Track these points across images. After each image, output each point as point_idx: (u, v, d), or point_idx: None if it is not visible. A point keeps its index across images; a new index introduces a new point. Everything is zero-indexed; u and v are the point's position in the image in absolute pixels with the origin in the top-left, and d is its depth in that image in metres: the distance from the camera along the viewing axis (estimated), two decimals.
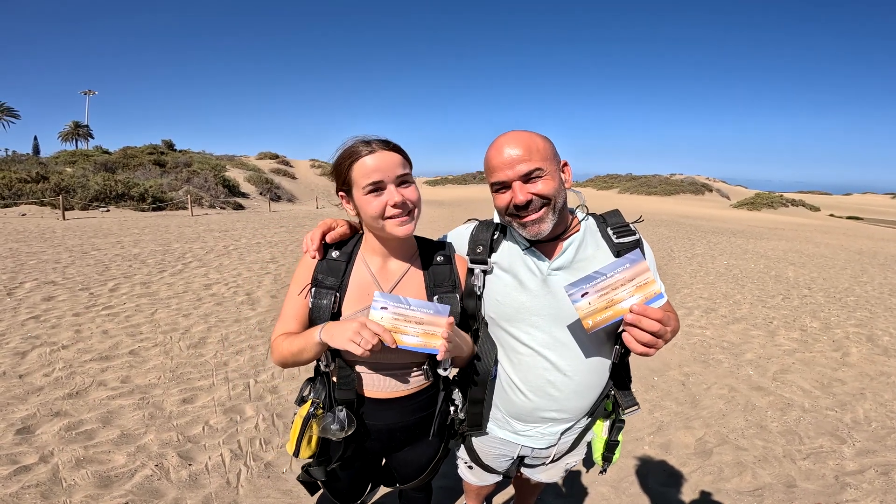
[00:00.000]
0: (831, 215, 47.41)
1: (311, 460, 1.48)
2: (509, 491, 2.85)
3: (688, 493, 2.96)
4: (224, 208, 24.04)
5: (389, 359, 1.41)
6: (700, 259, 11.86)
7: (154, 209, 20.21)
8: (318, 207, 28.81)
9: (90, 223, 14.62)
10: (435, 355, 1.25)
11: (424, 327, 1.23)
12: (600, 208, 1.65)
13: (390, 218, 1.31)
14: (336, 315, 1.38)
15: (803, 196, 64.80)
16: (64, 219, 15.29)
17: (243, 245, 11.19)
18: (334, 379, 1.45)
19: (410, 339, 1.23)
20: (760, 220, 31.42)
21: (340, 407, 1.40)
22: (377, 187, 1.29)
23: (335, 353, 1.41)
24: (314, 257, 1.42)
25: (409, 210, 1.33)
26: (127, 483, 2.73)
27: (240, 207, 25.30)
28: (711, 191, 61.86)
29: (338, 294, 1.38)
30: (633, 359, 4.78)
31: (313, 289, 1.39)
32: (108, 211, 18.61)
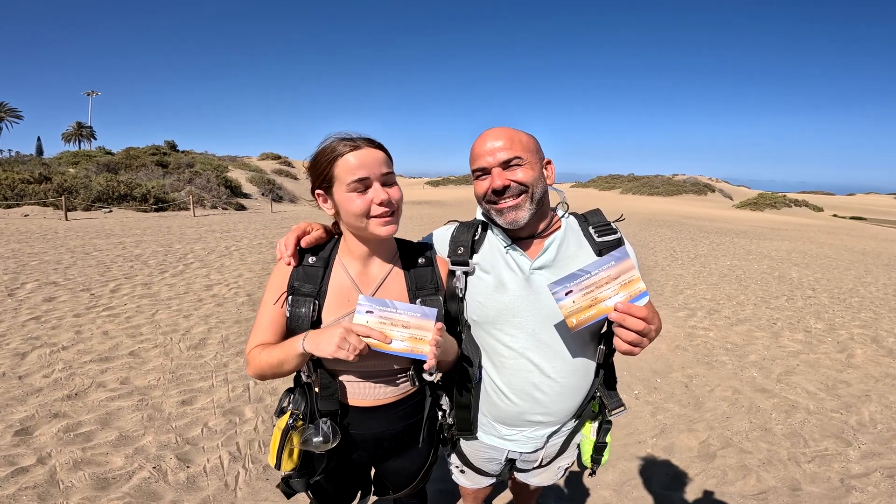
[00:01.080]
0: (835, 216, 47.27)
1: (293, 472, 1.43)
2: (508, 494, 2.82)
3: (691, 496, 2.92)
4: (226, 209, 24.06)
5: (374, 366, 1.37)
6: (703, 260, 11.81)
7: (156, 210, 20.24)
8: (319, 208, 28.81)
9: (92, 224, 14.64)
10: (421, 361, 1.21)
11: (412, 331, 1.20)
12: (602, 208, 1.63)
13: (375, 217, 1.27)
14: (316, 323, 1.32)
15: (806, 196, 64.66)
16: (66, 219, 15.32)
17: (245, 246, 11.19)
18: (316, 389, 1.39)
19: (397, 344, 1.19)
20: (763, 220, 31.34)
21: (325, 419, 1.34)
22: (363, 185, 1.25)
23: (317, 363, 1.36)
24: (289, 263, 1.36)
25: (393, 210, 1.29)
26: (125, 485, 2.71)
27: (242, 208, 25.31)
28: (714, 191, 61.75)
29: (317, 301, 1.33)
30: (635, 360, 4.73)
31: (290, 297, 1.34)
32: (111, 211, 18.64)
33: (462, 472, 1.77)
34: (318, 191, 1.35)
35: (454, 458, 1.75)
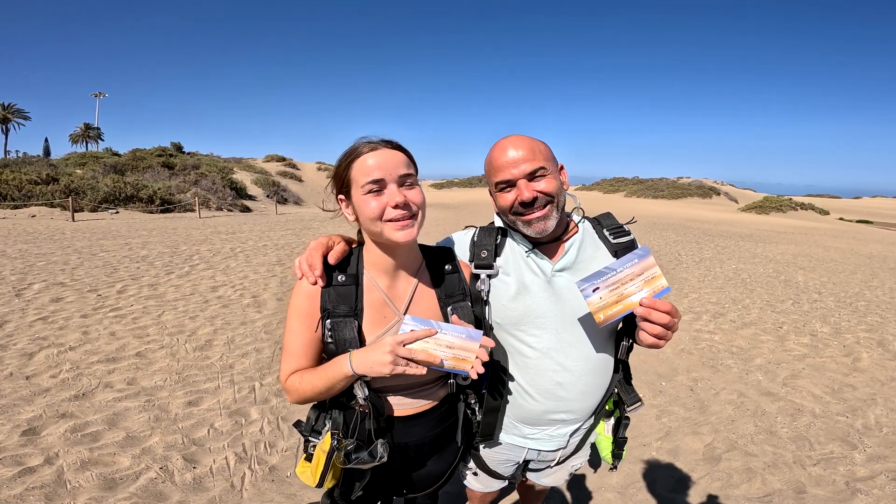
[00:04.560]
0: (841, 219, 47.02)
1: (335, 487, 1.40)
2: (513, 496, 2.82)
3: (696, 499, 2.92)
4: (231, 210, 24.15)
5: (416, 379, 1.35)
6: (708, 263, 11.77)
7: (162, 211, 20.34)
8: (324, 210, 28.88)
9: (99, 225, 14.72)
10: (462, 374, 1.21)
11: (455, 352, 1.18)
12: (606, 213, 1.65)
13: (390, 221, 1.22)
14: (361, 344, 1.28)
15: (812, 199, 64.38)
16: (73, 220, 15.40)
17: (250, 247, 11.23)
18: (359, 408, 1.35)
19: (442, 362, 1.19)
20: (769, 223, 31.21)
21: (382, 441, 1.29)
22: (378, 186, 1.21)
23: (366, 385, 1.29)
24: (315, 283, 1.28)
25: (412, 213, 1.23)
26: (131, 485, 2.72)
27: (247, 210, 25.41)
28: (719, 194, 61.53)
29: (356, 321, 1.27)
30: (640, 363, 4.71)
31: (328, 321, 1.26)
32: (117, 213, 18.74)
33: (475, 474, 1.77)
34: (340, 196, 1.32)
35: (469, 461, 1.75)
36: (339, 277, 1.30)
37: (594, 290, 1.26)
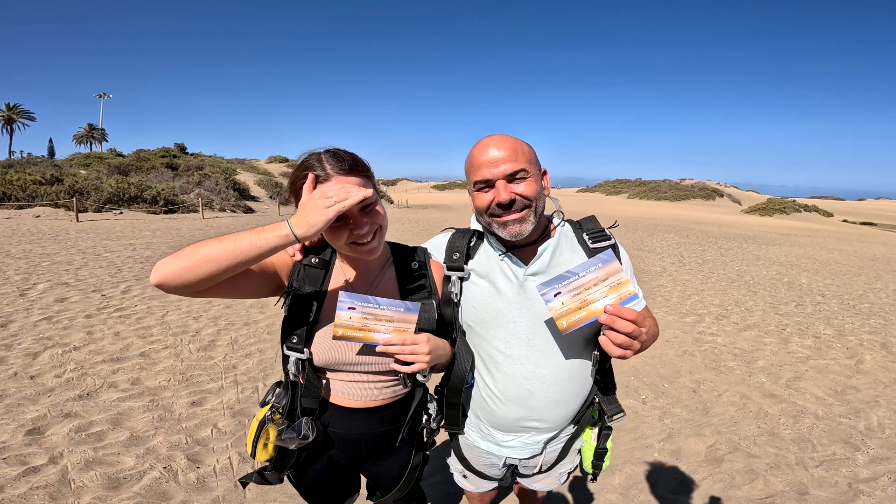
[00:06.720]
0: (845, 221, 46.89)
1: (268, 463, 1.44)
2: (513, 498, 2.83)
3: (698, 500, 2.92)
4: (234, 211, 24.20)
5: (367, 366, 1.37)
6: (711, 265, 11.76)
7: (166, 212, 20.41)
8: None
9: (103, 225, 14.77)
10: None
11: (395, 325, 1.23)
12: (606, 213, 1.64)
13: (357, 244, 1.26)
14: (313, 324, 1.33)
15: (816, 201, 64.27)
16: (77, 221, 15.47)
17: None
18: (301, 381, 1.40)
19: (381, 336, 1.23)
20: (772, 225, 31.13)
21: (306, 418, 1.36)
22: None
23: (307, 362, 1.35)
24: (292, 255, 1.38)
25: (374, 232, 1.28)
26: (135, 485, 2.74)
27: (250, 211, 25.45)
28: (722, 196, 61.46)
29: (315, 303, 1.34)
30: (643, 364, 4.69)
31: (290, 297, 1.34)
32: (121, 213, 18.81)
33: (465, 476, 1.77)
34: None
35: (456, 464, 1.75)
36: (313, 260, 1.39)
37: (556, 295, 1.21)
